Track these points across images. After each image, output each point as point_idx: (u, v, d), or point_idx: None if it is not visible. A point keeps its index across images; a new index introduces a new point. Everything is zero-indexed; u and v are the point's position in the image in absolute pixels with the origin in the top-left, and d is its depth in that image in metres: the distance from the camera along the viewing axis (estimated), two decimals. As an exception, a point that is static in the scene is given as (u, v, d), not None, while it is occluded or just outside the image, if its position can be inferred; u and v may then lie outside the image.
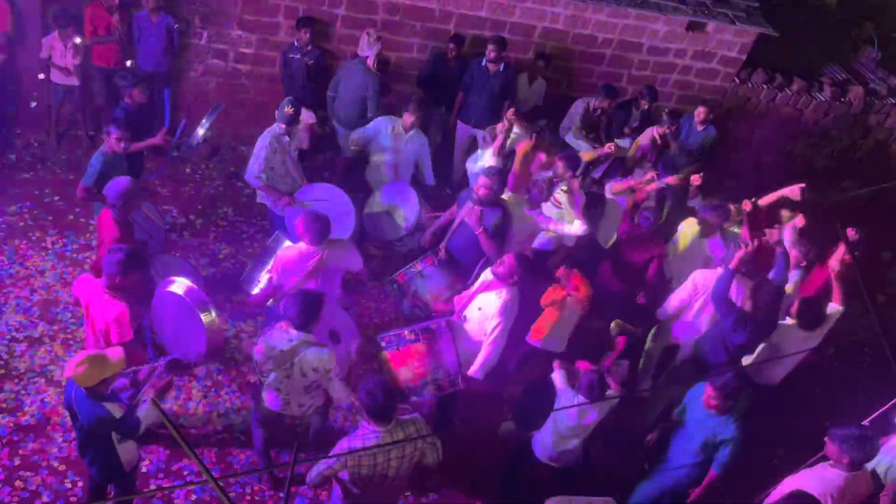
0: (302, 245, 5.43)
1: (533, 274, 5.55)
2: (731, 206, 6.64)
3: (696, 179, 6.80)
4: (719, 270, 5.82)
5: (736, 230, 6.65)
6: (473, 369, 5.39)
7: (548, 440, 5.23)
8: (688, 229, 6.68)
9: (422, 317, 5.94)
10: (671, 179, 6.80)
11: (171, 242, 7.09)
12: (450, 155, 8.40)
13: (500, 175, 6.00)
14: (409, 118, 6.99)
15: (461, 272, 6.04)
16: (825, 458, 4.72)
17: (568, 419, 5.11)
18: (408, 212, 6.79)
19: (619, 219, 6.75)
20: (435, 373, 5.22)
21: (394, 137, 7.04)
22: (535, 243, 6.74)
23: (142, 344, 5.28)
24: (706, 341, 5.79)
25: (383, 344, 5.25)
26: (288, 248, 5.59)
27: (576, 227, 6.31)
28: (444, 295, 5.91)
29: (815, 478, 4.60)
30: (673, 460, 5.28)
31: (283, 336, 4.72)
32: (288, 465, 5.58)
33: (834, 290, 6.06)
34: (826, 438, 4.63)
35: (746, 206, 6.33)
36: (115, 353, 4.21)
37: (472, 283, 5.66)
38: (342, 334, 5.62)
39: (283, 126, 6.35)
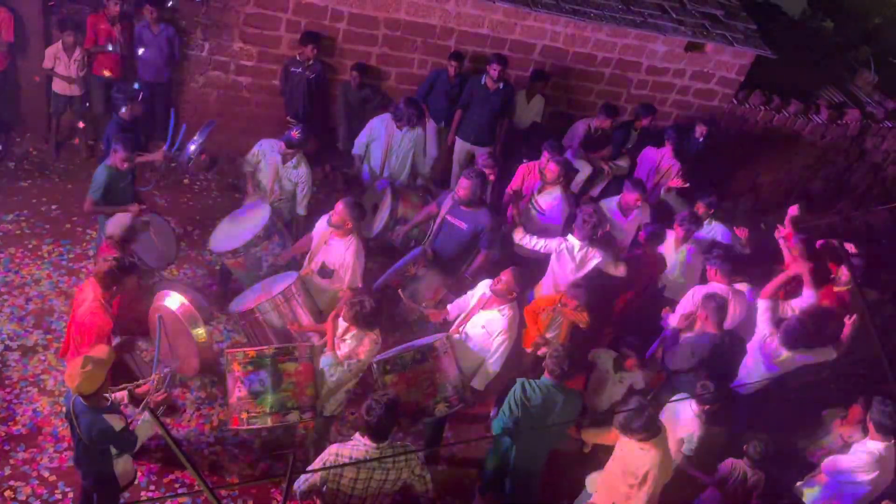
0: None
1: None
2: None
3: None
4: (714, 285, 5.97)
5: None
6: (479, 383, 5.41)
7: None
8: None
9: (420, 331, 5.96)
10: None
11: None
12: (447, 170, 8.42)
13: (481, 177, 6.23)
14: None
15: (447, 271, 6.29)
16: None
17: None
18: (381, 212, 6.94)
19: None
20: (444, 391, 5.15)
21: (386, 133, 7.26)
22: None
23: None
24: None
25: (388, 367, 5.06)
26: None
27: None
28: (440, 294, 6.04)
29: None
30: None
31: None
32: (283, 477, 5.53)
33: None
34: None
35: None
36: (102, 351, 4.21)
37: (455, 285, 5.84)
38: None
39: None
